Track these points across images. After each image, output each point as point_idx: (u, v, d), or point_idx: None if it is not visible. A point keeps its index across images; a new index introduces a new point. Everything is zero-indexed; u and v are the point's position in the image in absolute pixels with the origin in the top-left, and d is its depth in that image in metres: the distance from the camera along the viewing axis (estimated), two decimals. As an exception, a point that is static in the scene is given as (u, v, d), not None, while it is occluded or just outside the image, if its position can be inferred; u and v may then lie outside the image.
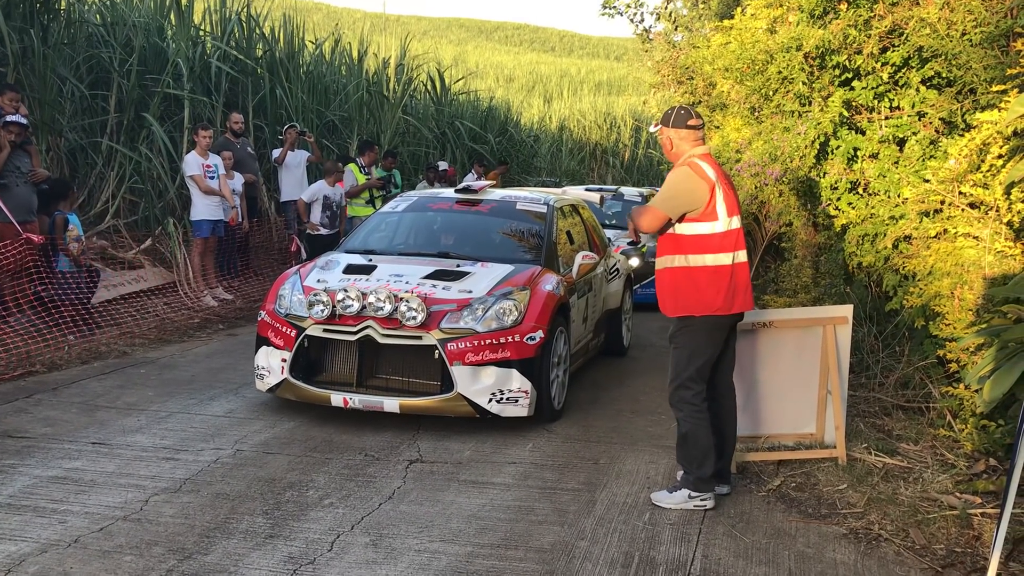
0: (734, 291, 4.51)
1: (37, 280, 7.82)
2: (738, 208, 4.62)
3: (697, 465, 4.56)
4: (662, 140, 4.70)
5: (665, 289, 4.62)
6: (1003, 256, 5.50)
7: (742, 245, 4.59)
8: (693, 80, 14.12)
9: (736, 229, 4.55)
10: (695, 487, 4.57)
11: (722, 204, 4.49)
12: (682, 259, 4.52)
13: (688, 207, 4.46)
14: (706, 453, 4.56)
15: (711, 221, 4.48)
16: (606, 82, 57.24)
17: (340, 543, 4.03)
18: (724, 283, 4.48)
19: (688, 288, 4.51)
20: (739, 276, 4.54)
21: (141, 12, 12.98)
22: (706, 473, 4.56)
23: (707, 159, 4.59)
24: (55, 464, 4.94)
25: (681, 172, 4.51)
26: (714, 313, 4.49)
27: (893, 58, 7.31)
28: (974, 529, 4.25)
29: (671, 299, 4.59)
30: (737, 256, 4.54)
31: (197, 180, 9.78)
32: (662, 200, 4.53)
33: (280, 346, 5.92)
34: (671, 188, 4.53)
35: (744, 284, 4.57)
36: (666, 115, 4.68)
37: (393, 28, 37.90)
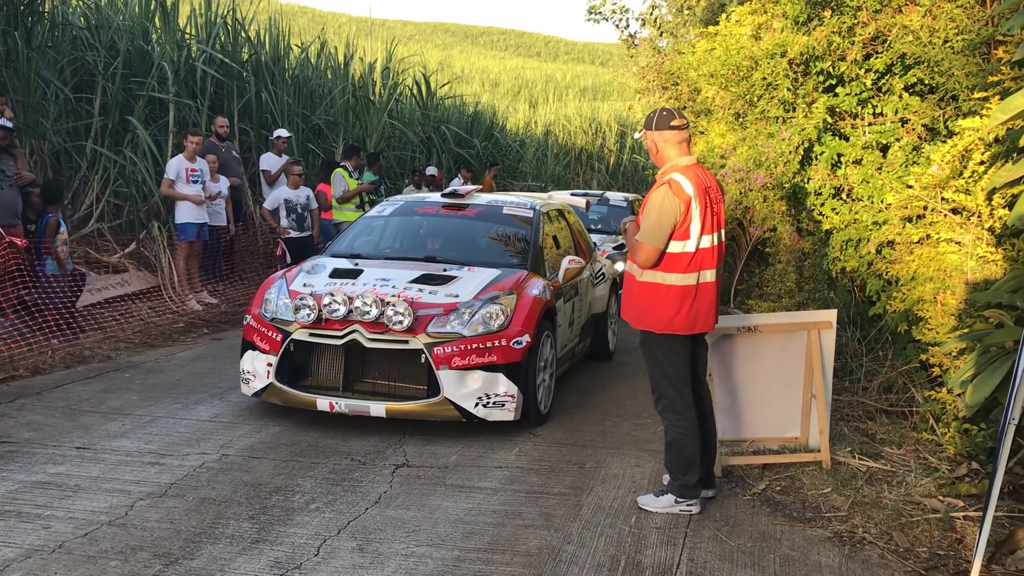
0: (697, 312, 4.47)
1: (21, 284, 7.76)
2: (716, 225, 4.51)
3: (682, 472, 4.59)
4: (648, 145, 4.64)
5: (631, 300, 4.61)
6: (985, 261, 5.56)
7: (711, 264, 4.49)
8: (678, 86, 14.15)
9: (708, 248, 4.46)
10: (680, 493, 4.59)
11: (696, 222, 4.39)
12: (650, 274, 4.48)
13: (672, 228, 4.40)
14: (691, 461, 4.58)
15: (683, 240, 4.41)
16: (591, 87, 57.36)
17: (326, 548, 4.02)
18: (688, 304, 4.44)
19: (652, 304, 4.48)
20: (703, 296, 4.47)
21: (126, 15, 12.93)
22: (691, 480, 4.58)
23: (689, 171, 4.47)
24: (39, 469, 4.91)
25: (659, 194, 4.41)
26: (674, 333, 4.49)
27: (876, 65, 7.38)
28: (957, 532, 4.29)
29: (635, 311, 4.59)
30: (703, 276, 4.46)
31: (163, 184, 9.79)
32: (650, 233, 4.41)
33: (266, 350, 5.90)
34: (656, 216, 4.40)
35: (708, 304, 4.50)
36: (649, 118, 4.61)
37: (379, 32, 37.92)
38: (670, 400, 4.59)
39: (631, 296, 4.62)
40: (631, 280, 4.62)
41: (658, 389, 4.63)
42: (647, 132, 4.61)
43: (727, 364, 5.31)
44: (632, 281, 4.61)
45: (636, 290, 4.57)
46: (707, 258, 4.47)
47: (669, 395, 4.59)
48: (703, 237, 4.44)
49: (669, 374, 4.57)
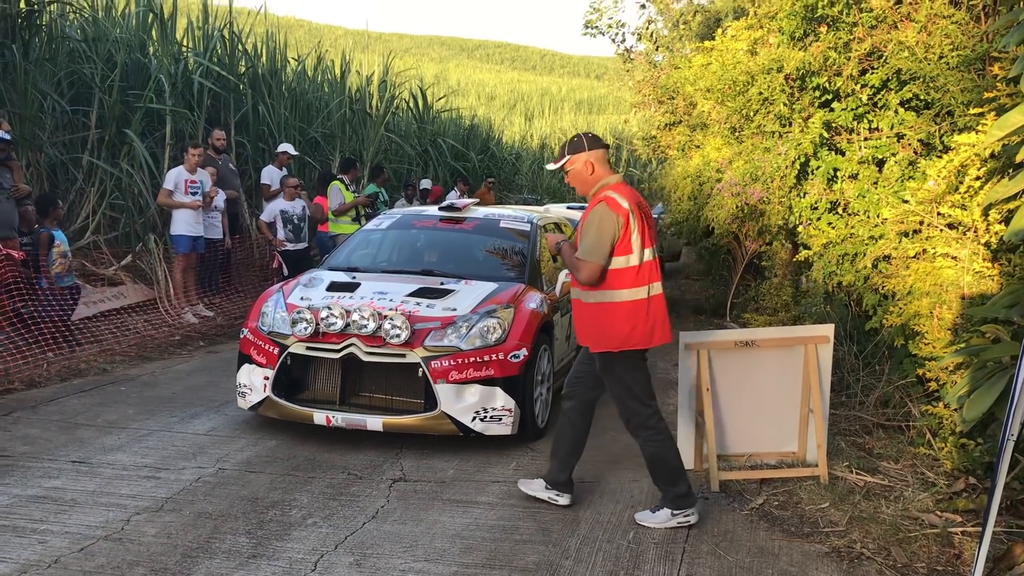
0: (652, 325, 4.49)
1: (17, 296, 7.75)
2: (652, 239, 4.55)
3: (671, 484, 4.59)
4: (580, 168, 4.57)
5: (585, 324, 4.57)
6: (981, 276, 5.58)
7: (657, 277, 4.54)
8: (674, 100, 14.22)
9: (650, 261, 4.50)
10: (675, 505, 4.59)
11: (637, 236, 4.42)
12: (599, 294, 4.46)
13: (611, 244, 4.40)
14: (677, 471, 4.59)
15: (626, 255, 4.41)
16: (587, 101, 57.60)
17: (324, 563, 4.01)
18: (641, 317, 4.46)
19: (607, 323, 4.46)
20: (656, 308, 4.51)
21: (123, 28, 12.94)
22: (683, 490, 4.58)
23: (621, 188, 4.51)
24: (35, 483, 4.89)
25: (597, 212, 4.41)
26: (632, 348, 4.49)
27: (872, 80, 7.41)
28: (955, 547, 4.29)
29: (591, 334, 4.54)
30: (652, 288, 4.49)
31: (161, 194, 9.78)
32: (591, 250, 4.40)
33: (263, 364, 5.89)
34: (595, 233, 4.39)
35: (662, 316, 4.54)
36: (578, 142, 4.59)
37: (375, 45, 38.01)
38: (641, 417, 4.58)
39: (583, 320, 4.57)
40: (579, 305, 4.58)
41: (627, 409, 4.61)
42: (581, 154, 4.56)
43: (724, 378, 5.31)
44: (581, 305, 4.56)
45: (588, 313, 4.53)
46: (653, 271, 4.52)
47: (639, 412, 4.57)
48: (647, 251, 4.49)
49: (635, 391, 4.57)
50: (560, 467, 4.84)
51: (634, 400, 4.58)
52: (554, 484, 4.86)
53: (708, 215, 9.90)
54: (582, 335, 4.63)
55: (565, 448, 4.85)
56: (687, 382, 5.39)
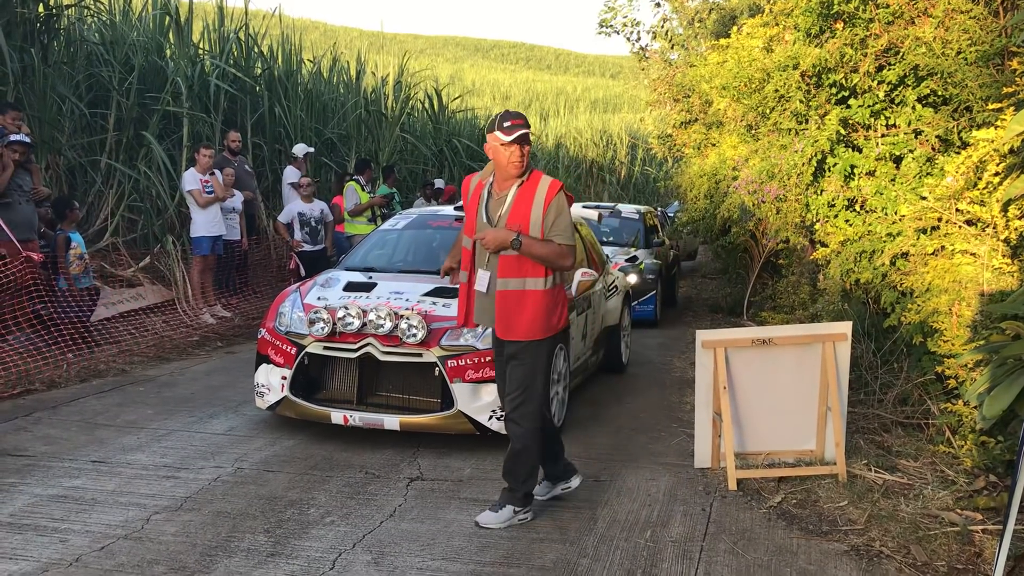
0: (564, 308, 4.56)
1: (37, 298, 7.81)
2: None
3: (523, 481, 4.53)
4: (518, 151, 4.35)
5: (523, 314, 4.39)
6: (1000, 273, 5.54)
7: None
8: (689, 98, 14.19)
9: None
10: (521, 503, 4.53)
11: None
12: (541, 282, 4.39)
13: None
14: (532, 472, 4.56)
15: None
16: (602, 100, 57.53)
17: (342, 561, 4.02)
18: (563, 302, 4.53)
19: (543, 311, 4.40)
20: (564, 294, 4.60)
21: (140, 31, 13.05)
22: (531, 488, 4.57)
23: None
24: (55, 482, 4.93)
25: (561, 200, 4.38)
26: (555, 333, 4.50)
27: (889, 76, 7.37)
28: (975, 546, 4.25)
29: (527, 323, 4.39)
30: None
31: (195, 195, 9.81)
32: (570, 232, 4.38)
33: (280, 364, 5.92)
34: (567, 217, 4.36)
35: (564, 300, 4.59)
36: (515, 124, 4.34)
37: (390, 46, 38.11)
38: (532, 405, 4.46)
39: (528, 310, 4.39)
40: (522, 295, 4.40)
41: (523, 395, 4.46)
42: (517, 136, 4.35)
43: (741, 377, 5.29)
44: (527, 295, 4.39)
45: (530, 301, 4.38)
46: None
47: (533, 400, 4.46)
48: None
49: (540, 378, 4.49)
50: (551, 462, 4.79)
51: (533, 390, 4.46)
52: (554, 478, 4.83)
53: (724, 213, 9.88)
54: (516, 325, 4.40)
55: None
56: (704, 380, 5.37)
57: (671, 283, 13.87)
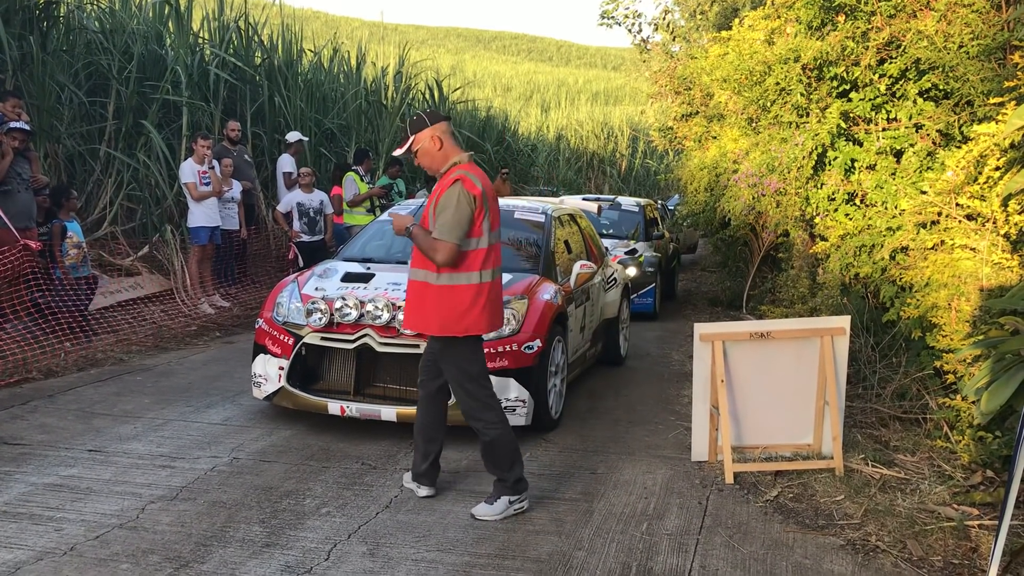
0: (493, 310, 4.48)
1: (35, 287, 7.80)
2: (498, 223, 4.55)
3: (508, 468, 4.53)
4: (428, 146, 4.46)
5: (429, 308, 4.41)
6: (1000, 268, 5.52)
7: (499, 262, 4.55)
8: (690, 91, 14.15)
9: (497, 245, 4.51)
10: (513, 490, 4.53)
11: (487, 220, 4.40)
12: (448, 277, 4.36)
13: (469, 225, 4.33)
14: (514, 454, 4.55)
15: (476, 237, 4.37)
16: (603, 92, 57.45)
17: (337, 552, 4.02)
18: (484, 302, 4.42)
19: (454, 308, 4.37)
20: (495, 293, 4.50)
21: (140, 19, 13.01)
22: (519, 474, 4.55)
23: (473, 169, 4.46)
24: (51, 471, 4.92)
25: (455, 192, 4.31)
26: (475, 334, 4.45)
27: (891, 70, 7.35)
28: (971, 541, 4.25)
29: (436, 319, 4.39)
30: (496, 272, 4.51)
31: (190, 188, 9.80)
32: (450, 230, 4.28)
33: (277, 354, 5.91)
34: (454, 213, 4.29)
35: (499, 302, 4.55)
36: (419, 121, 4.50)
37: (391, 37, 38.03)
38: (480, 402, 4.50)
39: (426, 303, 4.41)
40: (424, 287, 4.42)
41: (469, 394, 4.50)
42: (425, 131, 4.46)
43: (739, 370, 5.28)
44: (426, 288, 4.41)
45: (433, 295, 4.39)
46: (497, 255, 4.51)
47: (478, 395, 4.50)
48: (491, 233, 4.46)
49: (475, 375, 4.50)
50: (420, 458, 4.73)
51: (473, 383, 4.49)
52: (415, 476, 4.78)
53: (725, 206, 9.85)
54: (425, 318, 4.43)
55: (420, 437, 4.72)
56: (702, 374, 5.37)
57: (670, 276, 13.86)
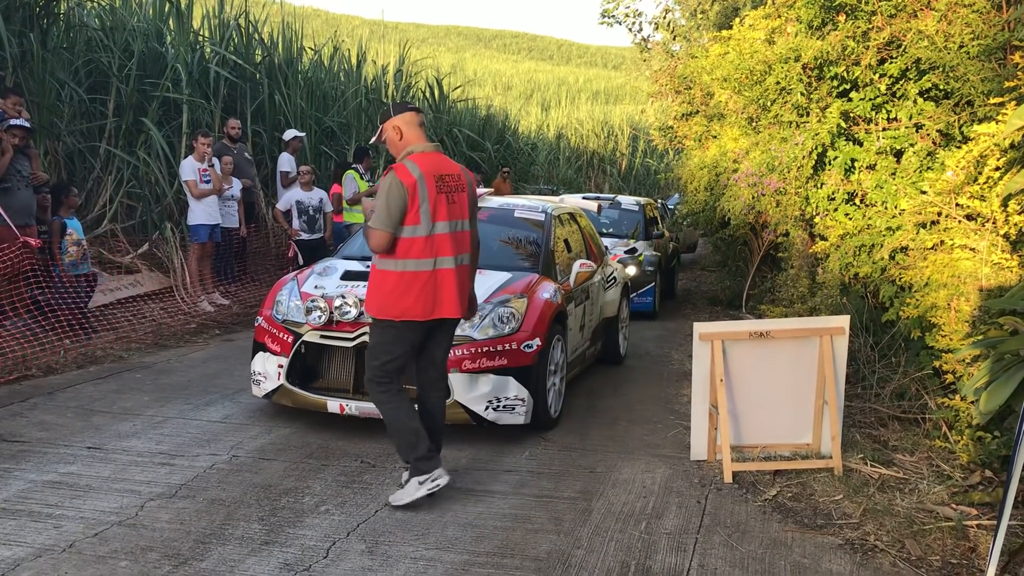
0: (436, 299, 4.51)
1: (34, 284, 7.80)
2: (457, 213, 4.56)
3: (411, 448, 4.56)
4: (391, 135, 4.63)
5: (371, 289, 4.60)
6: (1000, 268, 5.52)
7: (447, 251, 4.52)
8: (691, 90, 14.15)
9: (445, 235, 4.50)
10: (418, 470, 4.56)
11: (427, 207, 4.44)
12: (385, 262, 4.50)
13: (402, 214, 4.43)
14: (416, 433, 4.56)
15: (414, 225, 4.44)
16: (603, 91, 57.42)
17: (336, 550, 4.02)
18: (423, 290, 4.47)
19: (389, 292, 4.49)
20: (442, 283, 4.51)
21: (140, 17, 12.99)
22: (422, 452, 4.56)
23: (424, 157, 4.53)
24: (50, 468, 4.93)
25: (387, 181, 4.45)
26: (410, 319, 4.50)
27: (891, 70, 7.35)
28: (970, 540, 4.25)
29: (376, 301, 4.56)
30: (440, 262, 4.49)
31: (190, 185, 9.80)
32: (378, 218, 4.43)
33: (277, 352, 5.91)
34: (383, 201, 4.43)
35: (449, 292, 4.53)
36: (385, 112, 4.71)
37: (391, 35, 38.01)
38: (377, 384, 4.59)
39: (371, 285, 4.61)
40: (372, 271, 4.62)
41: (370, 371, 4.63)
42: (388, 121, 4.64)
43: (738, 369, 5.29)
44: (373, 271, 4.61)
45: (376, 279, 4.57)
46: (444, 245, 4.49)
47: (378, 379, 4.58)
48: (438, 224, 4.48)
49: (383, 358, 4.58)
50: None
51: (375, 369, 4.58)
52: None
53: (725, 206, 9.85)
54: (369, 300, 4.61)
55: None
56: (701, 373, 5.37)
57: (670, 275, 13.86)
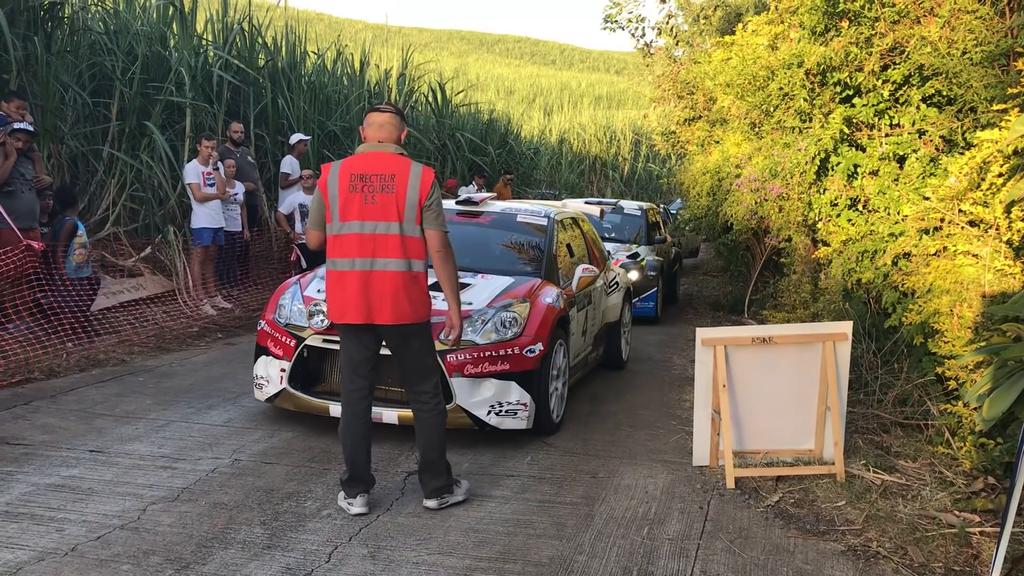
0: (343, 301, 4.39)
1: (37, 287, 7.81)
2: (362, 214, 4.36)
3: (345, 463, 4.59)
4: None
5: None
6: (1003, 274, 5.52)
7: (353, 252, 4.38)
8: (694, 95, 14.17)
9: (355, 235, 4.37)
10: (342, 486, 4.60)
11: (335, 206, 4.40)
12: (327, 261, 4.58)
13: (321, 211, 4.50)
14: (347, 456, 4.55)
15: (327, 223, 4.49)
16: (606, 96, 57.43)
17: (338, 554, 4.02)
18: (333, 291, 4.45)
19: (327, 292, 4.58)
20: (348, 285, 4.37)
21: (144, 21, 13.01)
22: (345, 476, 4.55)
23: (352, 157, 4.52)
24: (53, 472, 4.93)
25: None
26: (335, 321, 4.53)
27: (894, 76, 7.35)
28: (973, 547, 4.25)
29: None
30: (355, 263, 4.37)
31: (193, 189, 9.81)
32: (309, 217, 4.65)
33: (279, 356, 5.91)
34: (313, 201, 4.59)
35: (354, 295, 4.36)
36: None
37: (395, 39, 38.02)
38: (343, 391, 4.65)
39: None
40: None
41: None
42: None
43: (741, 375, 5.28)
44: None
45: None
46: (350, 245, 4.37)
47: (343, 385, 4.65)
48: (347, 223, 4.38)
49: (341, 363, 4.66)
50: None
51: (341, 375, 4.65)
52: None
53: (727, 211, 9.86)
54: None
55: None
56: (704, 378, 5.37)
57: (672, 280, 13.86)
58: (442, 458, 4.62)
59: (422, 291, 4.50)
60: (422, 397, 4.64)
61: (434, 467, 4.60)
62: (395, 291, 4.39)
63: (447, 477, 4.65)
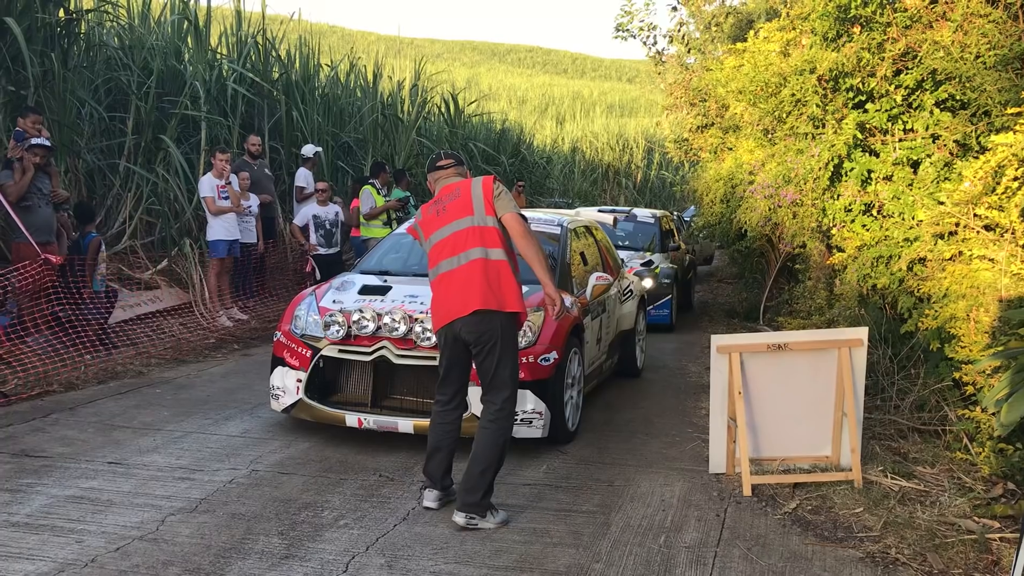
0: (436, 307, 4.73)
1: (55, 300, 7.88)
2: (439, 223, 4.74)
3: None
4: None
5: None
6: (1019, 278, 5.49)
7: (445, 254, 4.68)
8: (706, 102, 14.17)
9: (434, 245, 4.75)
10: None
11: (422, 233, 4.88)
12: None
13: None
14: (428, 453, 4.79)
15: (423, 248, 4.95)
16: (618, 104, 57.46)
17: (355, 564, 4.03)
18: (435, 298, 4.74)
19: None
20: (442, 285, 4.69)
21: (159, 35, 13.14)
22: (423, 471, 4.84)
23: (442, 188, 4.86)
24: (72, 483, 4.97)
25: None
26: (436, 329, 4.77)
27: (907, 81, 7.33)
28: (993, 554, 4.22)
29: None
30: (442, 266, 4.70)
31: (207, 202, 9.88)
32: None
33: (295, 366, 5.94)
34: None
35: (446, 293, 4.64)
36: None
37: (407, 51, 38.23)
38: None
39: None
40: None
41: None
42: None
43: (757, 382, 5.27)
44: None
45: None
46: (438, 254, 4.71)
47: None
48: (431, 237, 4.77)
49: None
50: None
51: None
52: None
53: (741, 218, 9.84)
54: None
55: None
56: (719, 385, 5.36)
57: (687, 287, 13.83)
58: (485, 476, 4.52)
59: (508, 280, 4.64)
60: (488, 407, 4.70)
61: (473, 481, 4.51)
62: (480, 277, 4.57)
63: (483, 498, 4.53)
